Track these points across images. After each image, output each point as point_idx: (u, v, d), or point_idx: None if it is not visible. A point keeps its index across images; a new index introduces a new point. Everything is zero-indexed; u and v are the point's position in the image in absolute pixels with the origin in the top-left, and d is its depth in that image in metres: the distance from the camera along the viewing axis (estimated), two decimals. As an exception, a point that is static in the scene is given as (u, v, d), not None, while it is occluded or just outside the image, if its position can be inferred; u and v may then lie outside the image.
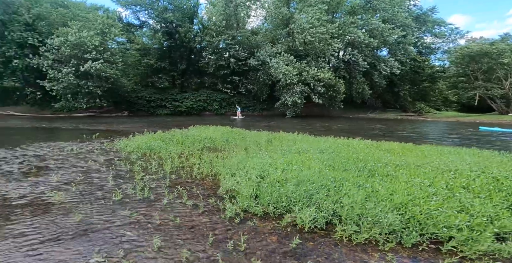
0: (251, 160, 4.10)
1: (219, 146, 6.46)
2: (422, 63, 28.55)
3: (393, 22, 24.12)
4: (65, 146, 6.30)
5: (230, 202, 2.88)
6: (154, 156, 5.21)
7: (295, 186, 2.76)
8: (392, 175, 3.14)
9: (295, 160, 3.67)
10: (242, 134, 8.06)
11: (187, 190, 3.30)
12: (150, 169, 4.19)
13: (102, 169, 4.18)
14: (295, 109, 22.28)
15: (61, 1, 24.11)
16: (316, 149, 4.75)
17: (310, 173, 3.07)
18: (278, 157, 4.04)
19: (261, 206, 2.65)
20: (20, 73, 21.21)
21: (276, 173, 3.15)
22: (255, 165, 3.71)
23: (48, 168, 4.17)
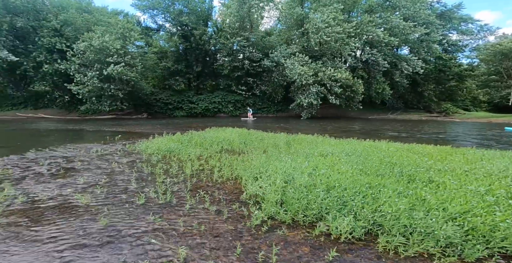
0: (273, 164, 3.95)
1: (237, 148, 6.38)
2: (448, 62, 26.84)
3: (415, 19, 22.94)
4: (90, 147, 6.53)
5: (254, 208, 2.75)
6: (174, 158, 5.22)
7: (326, 192, 2.57)
8: (437, 181, 2.83)
9: (321, 164, 3.46)
10: (259, 136, 7.93)
11: (208, 194, 3.21)
12: (171, 172, 4.17)
13: (125, 171, 4.22)
14: (310, 111, 21.80)
15: (85, 6, 25.44)
16: (341, 151, 4.50)
17: (340, 178, 2.85)
18: (301, 161, 3.85)
19: (289, 213, 2.49)
20: (50, 77, 22.51)
21: (302, 178, 2.96)
22: (278, 169, 3.55)
23: (75, 169, 4.29)
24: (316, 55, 23.42)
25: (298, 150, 5.23)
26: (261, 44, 27.72)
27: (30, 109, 23.94)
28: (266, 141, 6.98)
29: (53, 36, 21.92)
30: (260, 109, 28.74)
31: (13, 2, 20.82)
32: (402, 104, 27.28)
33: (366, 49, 21.86)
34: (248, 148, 6.35)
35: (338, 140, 6.63)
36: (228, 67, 26.94)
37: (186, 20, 25.84)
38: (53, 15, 22.58)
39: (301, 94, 21.77)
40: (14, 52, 21.10)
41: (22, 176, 3.80)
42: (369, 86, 22.77)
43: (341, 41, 20.55)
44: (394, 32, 22.10)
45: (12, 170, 4.13)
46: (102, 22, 22.89)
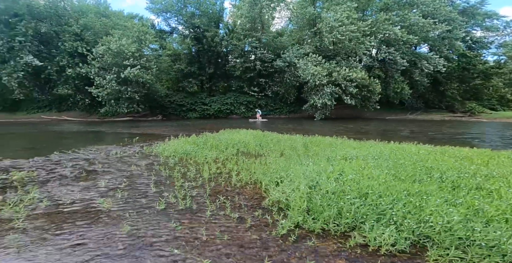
0: (293, 168, 3.78)
1: (253, 151, 6.26)
2: (473, 59, 25.29)
3: (435, 16, 21.88)
4: (110, 149, 6.67)
5: (278, 215, 2.60)
6: (190, 161, 5.19)
7: (360, 199, 2.37)
8: (488, 188, 2.54)
9: (348, 168, 3.24)
10: (274, 138, 7.78)
11: (228, 199, 3.11)
12: (189, 175, 4.11)
13: (144, 174, 4.22)
14: (324, 112, 21.33)
15: (103, 11, 26.43)
16: (366, 155, 4.24)
17: (372, 184, 2.63)
18: (325, 165, 3.65)
19: (319, 221, 2.31)
20: (72, 81, 23.55)
21: (329, 184, 2.77)
22: (300, 173, 3.37)
23: (96, 172, 4.35)
24: (330, 55, 22.93)
25: (318, 152, 5.02)
26: (273, 44, 27.59)
27: (54, 112, 25.22)
28: (283, 143, 6.81)
29: (74, 40, 22.91)
30: (272, 110, 28.55)
31: (37, 8, 21.97)
32: (422, 104, 26.03)
33: (383, 48, 21.08)
34: (265, 150, 6.22)
35: (359, 142, 6.33)
36: (240, 68, 27.01)
37: (198, 22, 26.21)
38: (74, 20, 23.57)
39: (314, 94, 21.36)
40: (39, 56, 22.24)
41: (46, 179, 3.89)
42: (387, 86, 21.93)
43: (356, 40, 19.97)
44: (412, 30, 21.19)
45: (37, 172, 4.25)
46: (119, 26, 23.64)
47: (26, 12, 21.56)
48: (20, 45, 21.15)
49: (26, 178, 3.91)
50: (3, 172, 4.29)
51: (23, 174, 4.00)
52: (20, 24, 21.13)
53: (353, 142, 6.37)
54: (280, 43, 27.78)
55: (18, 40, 20.96)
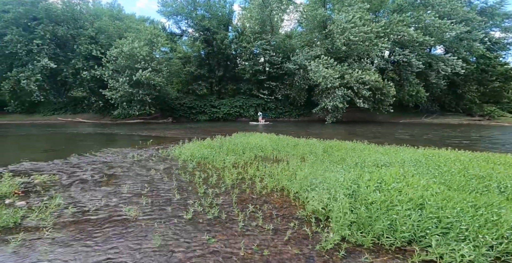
0: (322, 174, 3.56)
1: (271, 155, 6.08)
2: (492, 60, 24.34)
3: (452, 17, 21.25)
4: (126, 152, 6.63)
5: (317, 226, 2.41)
6: (209, 165, 5.06)
7: (414, 210, 2.15)
8: None
9: (388, 176, 2.99)
10: (291, 142, 7.57)
11: (257, 208, 2.94)
12: (211, 181, 3.96)
13: (164, 179, 4.10)
14: (335, 115, 20.93)
15: (116, 14, 27.03)
16: (400, 161, 3.98)
17: (425, 194, 2.39)
18: (358, 172, 3.41)
19: (369, 235, 2.10)
20: (87, 83, 24.10)
21: (373, 193, 2.55)
22: (332, 181, 3.16)
23: (116, 176, 4.26)
24: (341, 57, 22.57)
25: (344, 158, 4.78)
26: (282, 47, 27.52)
27: (69, 114, 25.85)
28: (301, 148, 6.59)
29: (89, 43, 23.45)
30: (282, 113, 28.34)
31: (55, 12, 22.59)
32: (438, 107, 25.17)
33: (397, 50, 20.56)
34: (283, 154, 6.03)
35: (383, 147, 6.02)
36: (250, 71, 26.99)
37: (208, 24, 26.43)
38: (89, 23, 24.16)
39: (325, 97, 21.02)
40: (55, 60, 22.86)
41: (68, 183, 3.82)
42: (401, 89, 21.33)
43: (369, 41, 19.57)
44: (428, 31, 20.60)
45: (58, 175, 4.21)
46: (131, 29, 24.13)
47: (44, 15, 22.24)
48: (38, 48, 21.83)
49: (48, 181, 3.86)
50: (25, 175, 4.28)
51: (45, 178, 3.96)
52: (38, 28, 21.82)
53: (377, 147, 6.07)
54: (290, 45, 27.69)
55: (36, 43, 21.66)
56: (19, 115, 25.66)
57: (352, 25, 19.58)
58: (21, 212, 2.55)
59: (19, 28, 21.78)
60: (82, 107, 26.24)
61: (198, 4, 27.81)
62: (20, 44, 21.62)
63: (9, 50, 21.85)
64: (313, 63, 21.50)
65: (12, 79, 22.60)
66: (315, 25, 26.08)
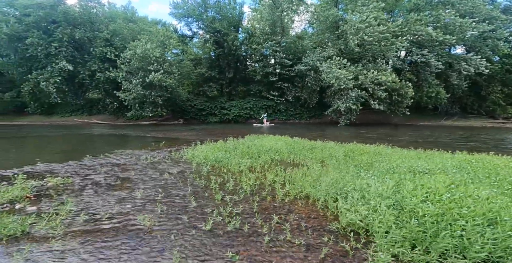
0: (351, 181, 3.23)
1: (288, 159, 5.77)
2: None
3: (474, 16, 20.22)
4: (139, 154, 6.53)
5: (357, 242, 2.09)
6: (223, 169, 4.82)
7: (487, 227, 1.80)
8: None
9: (436, 185, 2.61)
10: (307, 145, 7.22)
11: (282, 219, 2.65)
12: (227, 187, 3.71)
13: (178, 184, 3.90)
14: (349, 117, 20.30)
15: (130, 16, 27.63)
16: (440, 168, 3.57)
17: (493, 207, 2.03)
18: (395, 179, 3.05)
19: (428, 254, 1.77)
20: (102, 85, 24.69)
21: (423, 204, 2.20)
22: (366, 188, 2.83)
23: (129, 179, 4.10)
24: (355, 58, 21.96)
25: (370, 163, 4.40)
26: (293, 48, 27.19)
27: (85, 115, 26.58)
28: (319, 151, 6.25)
29: (104, 45, 24.05)
30: (293, 115, 27.92)
31: (73, 15, 23.29)
32: (458, 109, 23.92)
33: (414, 50, 19.73)
34: (300, 158, 5.70)
35: (414, 152, 5.55)
36: (260, 72, 26.81)
37: (219, 26, 26.52)
38: (104, 26, 24.80)
39: (338, 99, 20.45)
40: (73, 62, 23.57)
41: (81, 186, 3.69)
42: (418, 90, 20.41)
43: (385, 41, 18.88)
44: (449, 30, 19.66)
45: (72, 178, 4.09)
46: (144, 31, 24.57)
47: (63, 18, 22.99)
48: (56, 50, 22.60)
49: (61, 184, 3.74)
50: (38, 177, 4.20)
51: (58, 180, 3.84)
52: (57, 31, 22.60)
53: (405, 151, 5.61)
54: (301, 46, 27.34)
55: (54, 46, 22.44)
56: (38, 116, 26.65)
57: (367, 25, 18.99)
58: (30, 219, 2.38)
59: (39, 31, 22.64)
60: (97, 109, 26.90)
61: (208, 6, 28.02)
62: (40, 47, 22.45)
63: (30, 53, 22.75)
64: (325, 64, 21.04)
65: (32, 81, 23.50)
66: (327, 25, 25.61)
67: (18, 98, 27.18)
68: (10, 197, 3.01)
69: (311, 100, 25.71)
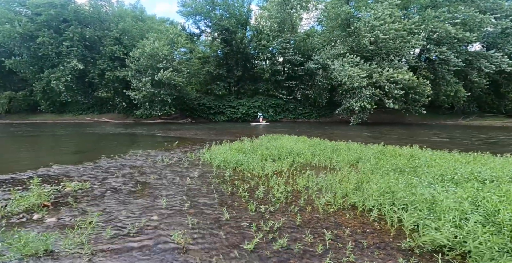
0: (406, 189, 2.84)
1: (313, 161, 5.40)
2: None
3: (495, 12, 19.28)
4: (154, 155, 6.27)
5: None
6: (247, 173, 4.50)
7: None
8: None
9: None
10: (329, 146, 6.82)
11: (332, 233, 2.31)
12: (257, 194, 3.38)
13: (202, 190, 3.58)
14: (361, 116, 19.71)
15: (139, 15, 27.56)
16: (507, 174, 3.13)
17: None
18: (469, 188, 2.64)
19: None
20: (111, 84, 24.73)
21: None
22: (427, 199, 2.45)
23: (149, 184, 3.81)
24: (367, 56, 21.29)
25: (413, 167, 3.99)
26: (303, 46, 26.65)
27: (96, 114, 26.75)
28: (344, 153, 5.84)
29: (113, 44, 24.04)
30: (301, 114, 27.48)
31: (83, 13, 23.34)
32: (476, 108, 22.95)
33: (432, 47, 18.93)
34: (327, 161, 5.32)
35: (457, 154, 5.08)
36: (269, 71, 26.39)
37: (227, 24, 26.20)
38: (114, 24, 24.79)
39: (350, 97, 19.88)
40: (83, 61, 23.64)
41: (101, 192, 3.41)
42: (435, 88, 19.62)
43: (401, 38, 18.16)
44: (468, 27, 18.81)
45: (90, 182, 3.83)
46: (153, 29, 24.44)
47: (73, 17, 23.07)
48: (67, 50, 22.71)
49: (79, 190, 3.47)
50: (54, 181, 3.96)
51: (76, 185, 3.58)
52: (68, 30, 22.71)
53: (449, 154, 5.12)
54: (311, 44, 26.75)
55: (65, 45, 22.55)
56: (50, 115, 26.99)
57: (381, 22, 18.31)
58: (51, 234, 2.10)
59: (51, 30, 22.79)
60: (107, 108, 27.04)
61: (216, 4, 27.70)
62: (51, 46, 22.60)
63: (41, 52, 22.93)
64: (336, 62, 20.46)
65: (44, 80, 23.73)
66: (338, 23, 24.95)
67: (31, 97, 27.53)
68: (26, 206, 2.76)
69: (321, 99, 25.17)
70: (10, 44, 23.65)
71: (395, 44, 18.79)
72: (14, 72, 27.44)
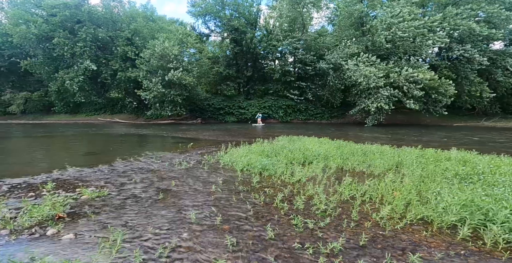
0: (486, 201, 2.32)
1: (346, 166, 4.89)
2: None
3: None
4: (170, 157, 5.92)
5: None
6: (276, 179, 4.05)
7: None
8: None
9: None
10: (355, 149, 6.30)
11: (419, 258, 1.83)
12: (297, 205, 2.92)
13: (231, 200, 3.15)
14: (377, 117, 18.95)
15: (149, 15, 27.70)
16: None
17: None
18: None
19: None
20: (123, 84, 24.88)
21: None
22: None
23: (172, 192, 3.42)
24: (382, 55, 20.53)
25: (469, 174, 3.43)
26: (314, 45, 26.06)
27: (108, 114, 26.99)
28: (376, 156, 5.32)
29: (126, 45, 24.18)
30: (313, 115, 26.87)
31: (96, 14, 23.59)
32: (499, 108, 21.73)
33: (454, 46, 18.02)
34: (360, 165, 4.81)
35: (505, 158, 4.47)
36: (279, 71, 25.94)
37: (237, 24, 25.96)
38: (126, 25, 24.97)
39: (366, 98, 19.16)
40: (96, 61, 23.88)
41: (120, 201, 3.03)
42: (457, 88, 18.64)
43: (422, 36, 17.35)
44: (494, 24, 17.82)
45: (107, 189, 3.47)
46: (163, 29, 24.45)
47: (87, 18, 23.35)
48: (80, 50, 22.98)
49: (97, 198, 3.11)
50: (69, 187, 3.62)
51: (93, 192, 3.23)
52: (81, 30, 22.99)
53: (502, 159, 4.51)
54: (324, 43, 26.14)
55: (79, 46, 22.82)
56: (64, 115, 27.41)
57: (400, 20, 17.56)
58: (73, 259, 1.71)
59: (65, 31, 23.13)
60: (118, 108, 27.23)
61: (226, 4, 27.54)
62: (66, 47, 22.93)
63: (56, 52, 23.29)
64: (350, 61, 19.81)
65: (59, 80, 24.09)
66: (351, 21, 24.31)
67: (46, 98, 28.06)
68: (39, 218, 2.40)
69: (335, 100, 24.52)
70: (26, 46, 24.16)
71: (414, 43, 17.99)
72: (30, 73, 28.08)
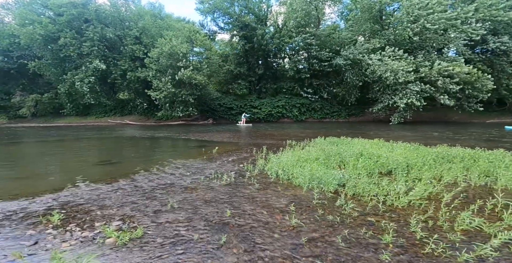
0: None
1: (421, 175, 3.70)
2: None
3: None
4: (200, 167, 4.86)
5: None
6: (369, 200, 2.92)
7: None
8: None
9: None
10: (435, 153, 5.06)
11: None
12: (387, 230, 1.80)
13: (334, 243, 2.06)
14: (403, 114, 17.57)
15: (157, 13, 26.90)
16: None
17: None
18: None
19: None
20: (133, 85, 24.09)
21: None
22: None
23: (233, 229, 2.34)
24: (407, 49, 19.10)
25: None
26: (329, 41, 24.74)
27: (118, 116, 26.29)
28: (481, 163, 4.12)
29: (134, 44, 23.42)
30: (329, 114, 25.63)
31: (103, 12, 22.84)
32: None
33: (490, 38, 16.49)
34: (457, 177, 3.65)
35: None
36: (293, 68, 24.75)
37: (248, 20, 24.92)
38: (133, 23, 24.21)
39: (392, 94, 17.79)
40: (105, 61, 23.18)
41: (165, 249, 1.96)
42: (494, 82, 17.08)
43: (454, 28, 15.89)
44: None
45: (138, 222, 2.41)
46: (172, 27, 23.60)
47: (94, 17, 22.64)
48: (88, 50, 22.31)
49: (130, 243, 2.05)
50: (83, 217, 2.58)
51: (122, 234, 2.17)
52: (89, 29, 22.32)
53: None
54: (339, 39, 24.78)
55: (86, 45, 22.16)
56: (74, 117, 26.85)
57: (429, 12, 16.13)
58: None
59: (72, 31, 22.50)
60: (128, 109, 26.55)
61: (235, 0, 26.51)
62: (72, 47, 22.30)
63: (63, 53, 22.71)
64: (373, 56, 18.48)
65: (68, 81, 23.52)
66: (369, 15, 22.89)
67: (56, 100, 27.62)
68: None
69: (350, 97, 23.19)
70: (33, 47, 23.68)
71: (444, 35, 16.51)
72: (40, 75, 27.67)
